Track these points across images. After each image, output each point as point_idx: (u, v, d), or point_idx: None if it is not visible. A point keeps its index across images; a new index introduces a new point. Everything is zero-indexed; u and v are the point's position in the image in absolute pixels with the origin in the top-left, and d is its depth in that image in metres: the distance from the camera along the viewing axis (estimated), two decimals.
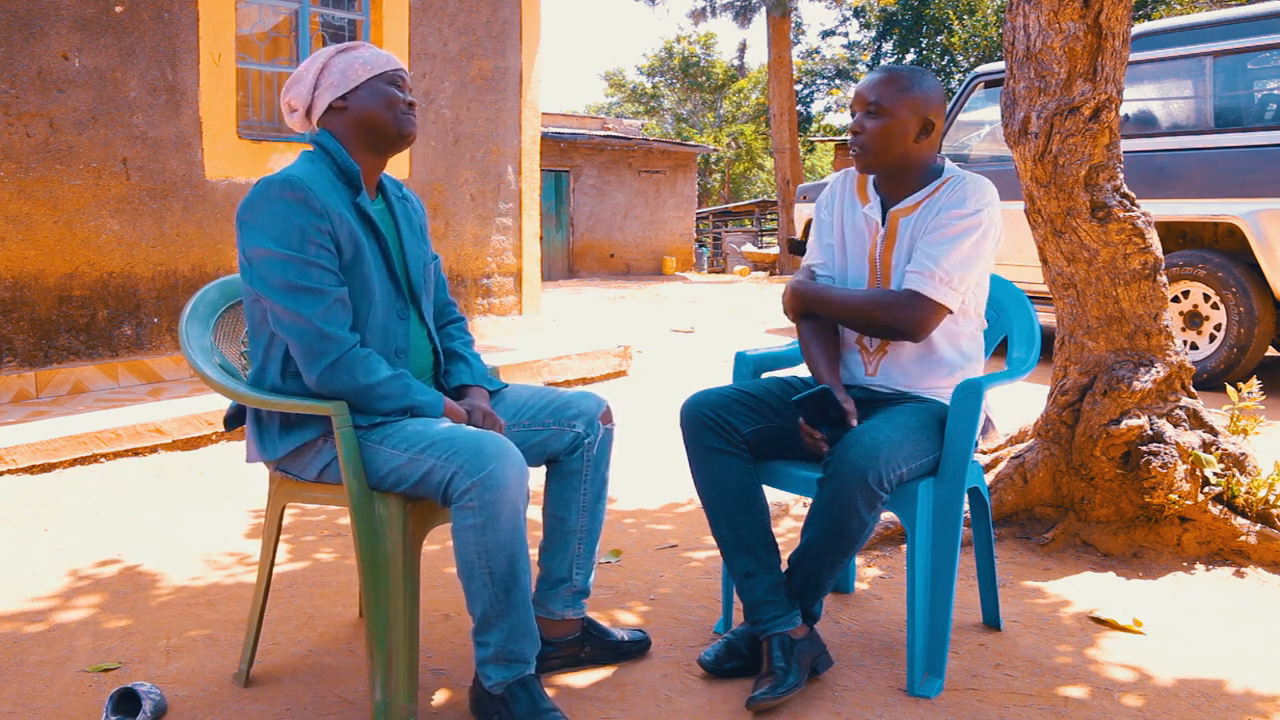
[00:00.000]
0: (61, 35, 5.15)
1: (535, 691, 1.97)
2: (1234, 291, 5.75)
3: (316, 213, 1.97)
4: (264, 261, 1.96)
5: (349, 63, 2.10)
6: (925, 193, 2.35)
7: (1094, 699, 2.19)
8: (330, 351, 1.96)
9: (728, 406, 2.31)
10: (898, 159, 2.33)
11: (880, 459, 2.07)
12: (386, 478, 1.98)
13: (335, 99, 2.09)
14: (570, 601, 2.30)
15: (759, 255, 21.42)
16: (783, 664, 2.14)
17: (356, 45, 2.14)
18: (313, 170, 2.05)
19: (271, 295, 1.97)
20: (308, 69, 2.12)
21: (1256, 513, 3.04)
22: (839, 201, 2.51)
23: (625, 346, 6.87)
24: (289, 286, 1.95)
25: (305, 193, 1.97)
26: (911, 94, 2.29)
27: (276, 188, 1.97)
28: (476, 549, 1.89)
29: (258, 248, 1.97)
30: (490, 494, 1.86)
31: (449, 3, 7.11)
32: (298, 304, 1.95)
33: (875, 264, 2.39)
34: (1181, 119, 6.13)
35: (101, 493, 3.82)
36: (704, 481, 2.31)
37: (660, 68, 41.30)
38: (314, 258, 1.96)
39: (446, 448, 1.91)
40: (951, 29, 27.45)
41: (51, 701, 2.14)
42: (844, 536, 2.13)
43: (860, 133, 2.32)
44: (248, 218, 1.99)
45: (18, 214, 5.05)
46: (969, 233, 2.26)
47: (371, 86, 2.09)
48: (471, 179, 7.36)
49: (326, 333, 1.96)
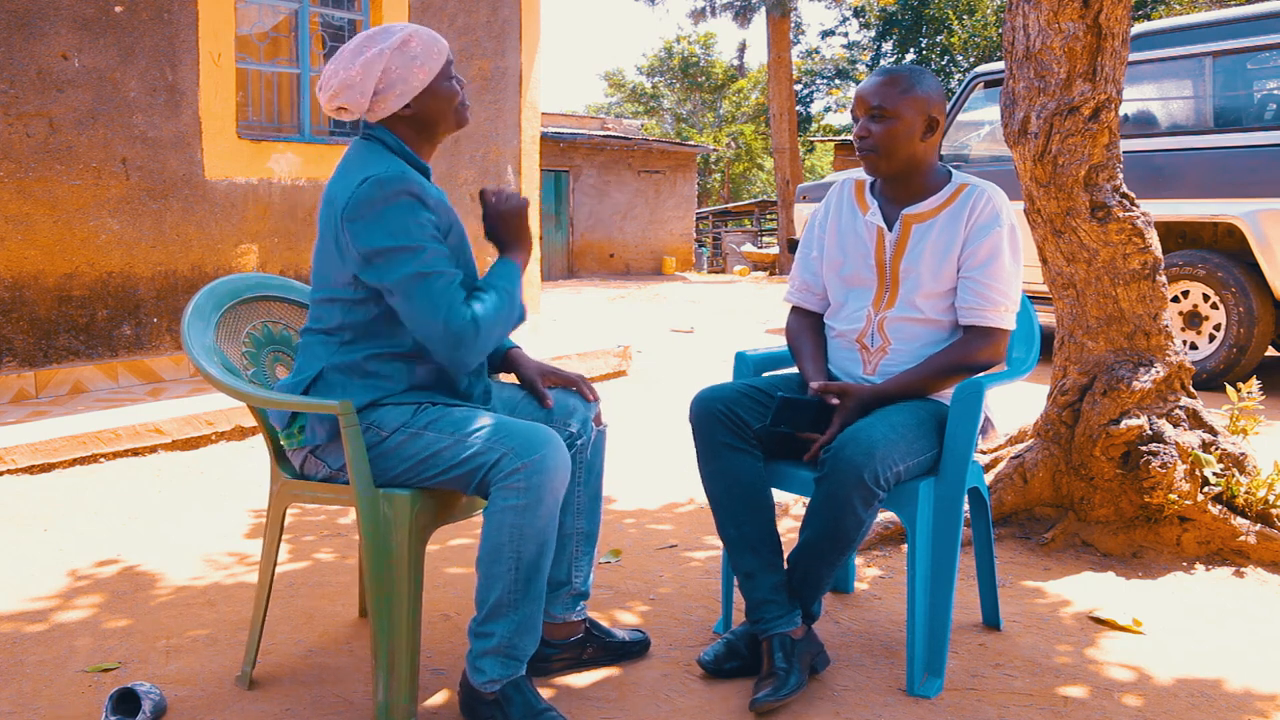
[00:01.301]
0: (61, 35, 5.15)
1: (529, 693, 1.97)
2: (1234, 291, 5.75)
3: (427, 206, 2.00)
4: (392, 258, 1.96)
5: (407, 67, 2.03)
6: (940, 199, 2.36)
7: (1094, 699, 2.19)
8: (465, 341, 1.97)
9: (740, 402, 2.31)
10: (907, 160, 2.35)
11: (876, 456, 2.07)
12: (423, 463, 1.98)
13: (400, 108, 2.06)
14: (570, 604, 2.30)
15: (759, 255, 21.42)
16: (784, 665, 2.14)
17: (408, 39, 2.05)
18: (398, 164, 2.04)
19: (403, 287, 1.96)
20: (364, 73, 2.02)
21: (1256, 513, 3.04)
22: (835, 213, 2.52)
23: (625, 346, 6.87)
24: (421, 277, 1.95)
25: (418, 187, 1.99)
26: (914, 93, 2.31)
27: (391, 186, 1.96)
28: (511, 531, 1.91)
29: (382, 247, 1.96)
30: (538, 478, 1.89)
31: (449, 3, 7.11)
32: (428, 297, 1.95)
33: (884, 269, 2.39)
34: (1181, 119, 6.13)
35: (101, 493, 3.82)
36: (712, 477, 2.30)
37: (660, 68, 41.29)
38: (437, 246, 1.99)
39: (498, 432, 1.95)
40: (951, 29, 27.45)
41: (51, 701, 2.14)
42: (841, 535, 2.13)
43: (867, 136, 2.33)
44: (363, 216, 1.96)
45: (17, 214, 5.05)
46: (1005, 249, 2.31)
47: (433, 89, 2.07)
48: (471, 179, 7.36)
49: (460, 317, 1.96)
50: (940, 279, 2.34)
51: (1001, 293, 2.31)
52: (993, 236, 2.30)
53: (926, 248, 2.34)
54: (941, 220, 2.35)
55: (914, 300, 2.36)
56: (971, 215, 2.32)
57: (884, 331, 2.38)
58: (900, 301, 2.37)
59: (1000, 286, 2.31)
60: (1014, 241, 2.34)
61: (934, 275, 2.34)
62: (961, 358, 2.32)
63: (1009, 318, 2.34)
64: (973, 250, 2.31)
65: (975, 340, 2.33)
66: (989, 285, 2.31)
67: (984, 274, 2.31)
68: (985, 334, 2.33)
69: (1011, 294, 2.33)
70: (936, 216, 2.35)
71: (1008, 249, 2.32)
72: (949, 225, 2.34)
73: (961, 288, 2.34)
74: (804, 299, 2.58)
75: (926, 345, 2.36)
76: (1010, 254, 2.32)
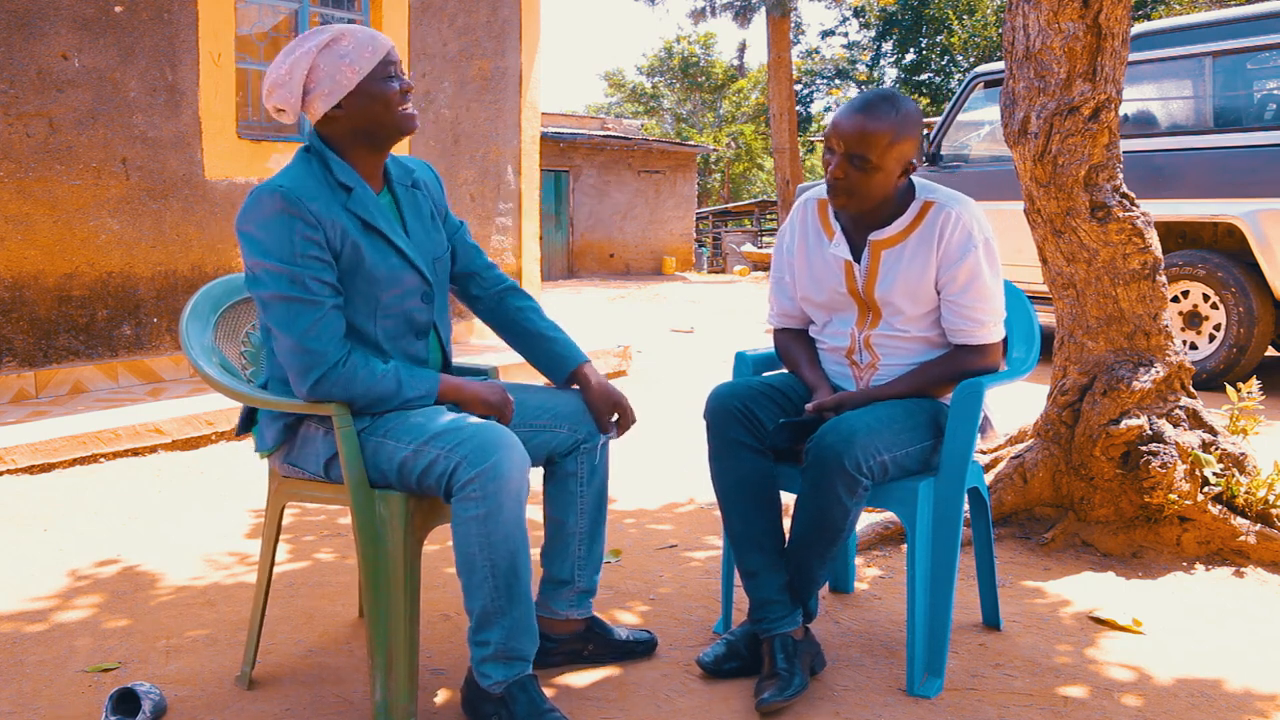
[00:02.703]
0: (61, 35, 5.15)
1: (534, 692, 1.96)
2: (1234, 291, 5.75)
3: (308, 222, 1.94)
4: (262, 273, 1.96)
5: (335, 66, 1.97)
6: (906, 220, 2.30)
7: (1093, 699, 2.19)
8: (317, 367, 1.94)
9: (756, 400, 2.29)
10: (880, 202, 2.29)
11: (857, 443, 2.06)
12: (391, 472, 1.98)
13: (330, 109, 2.01)
14: (575, 602, 2.29)
15: (758, 255, 21.41)
16: (786, 665, 2.14)
17: (339, 38, 1.99)
18: (305, 173, 2.00)
19: (264, 307, 1.97)
20: (291, 72, 1.98)
21: (1256, 513, 3.04)
22: (801, 236, 2.46)
23: (625, 346, 6.87)
24: (280, 299, 1.94)
25: (295, 203, 1.93)
26: (900, 143, 2.19)
27: (267, 198, 1.94)
28: (478, 541, 1.88)
29: (254, 259, 1.96)
30: (493, 484, 1.86)
31: (449, 3, 7.11)
32: (287, 317, 1.94)
33: (859, 296, 2.36)
34: (1181, 119, 6.13)
35: (101, 493, 3.82)
36: (723, 474, 2.28)
37: (660, 68, 41.31)
38: (305, 269, 1.93)
39: (450, 439, 1.91)
40: (951, 29, 27.46)
41: (51, 701, 2.14)
42: (828, 524, 2.13)
43: (843, 178, 2.21)
44: (244, 228, 1.97)
45: (17, 214, 5.05)
46: (984, 268, 2.27)
47: (363, 89, 1.99)
48: (471, 179, 7.36)
49: (312, 348, 1.93)
50: (919, 303, 2.31)
51: (987, 311, 2.29)
52: (969, 260, 2.26)
53: (899, 276, 2.29)
54: (911, 244, 2.29)
55: (897, 323, 2.34)
56: (942, 239, 2.26)
57: (871, 348, 2.37)
58: (884, 323, 2.35)
59: (984, 305, 2.29)
60: (991, 257, 2.29)
61: (912, 302, 2.31)
62: (957, 369, 2.31)
63: (997, 330, 2.33)
64: (951, 276, 2.27)
65: (967, 355, 2.32)
66: (973, 307, 2.28)
67: (966, 297, 2.28)
68: (977, 349, 2.32)
69: (997, 308, 2.31)
70: (905, 240, 2.30)
71: (986, 268, 2.27)
72: (919, 249, 2.28)
73: (946, 311, 2.31)
74: (786, 323, 2.55)
75: (917, 358, 2.35)
76: (990, 271, 2.28)
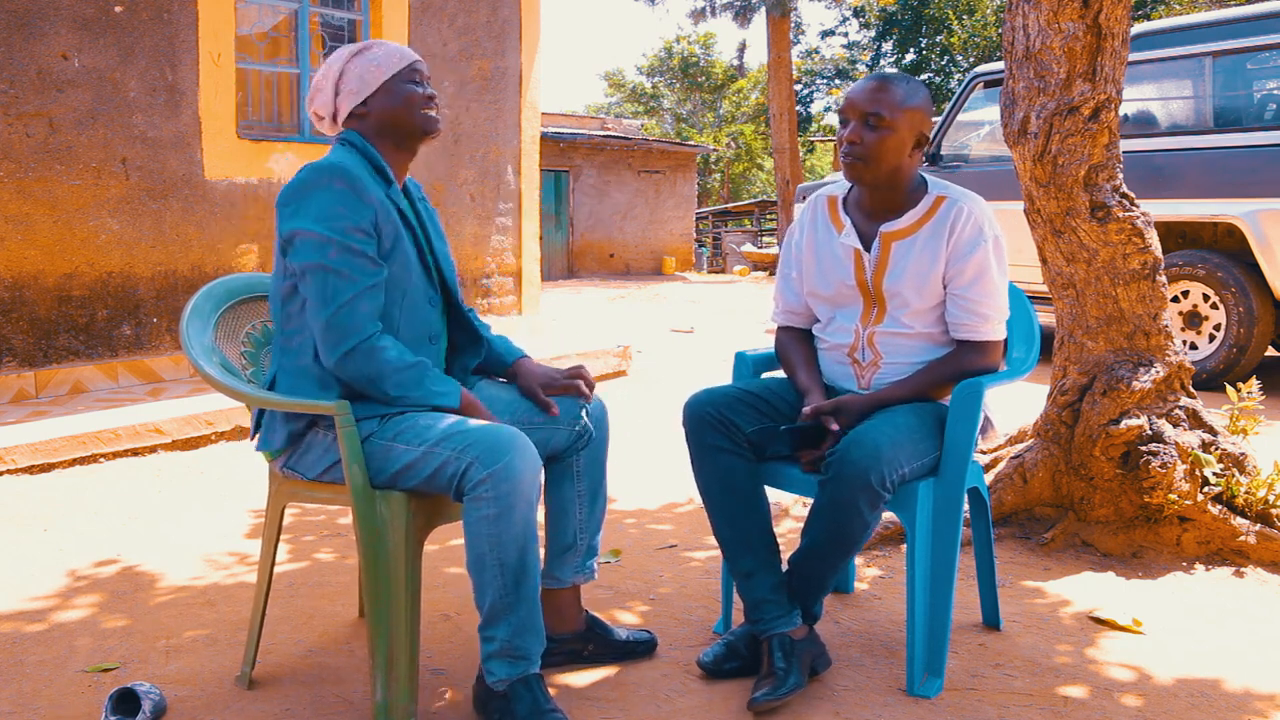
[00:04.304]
0: (61, 35, 5.15)
1: (538, 691, 1.97)
2: (1234, 291, 5.75)
3: (363, 201, 2.01)
4: (304, 242, 1.99)
5: (364, 67, 2.12)
6: (918, 213, 2.32)
7: (1093, 699, 2.19)
8: (350, 338, 1.98)
9: (731, 405, 2.31)
10: (892, 172, 2.29)
11: (883, 459, 2.06)
12: (400, 474, 1.99)
13: (356, 106, 2.12)
14: (579, 566, 2.32)
15: (758, 255, 21.41)
16: (783, 665, 2.14)
17: (370, 46, 2.15)
18: (352, 159, 2.08)
19: (306, 274, 1.99)
20: (325, 77, 2.14)
21: (1256, 513, 3.04)
22: (810, 231, 2.48)
23: (625, 346, 6.87)
24: (323, 268, 1.98)
25: (353, 180, 2.01)
26: (912, 106, 2.25)
27: (325, 174, 2.01)
28: (489, 540, 1.91)
29: (300, 229, 1.99)
30: (505, 485, 1.88)
31: (449, 3, 7.11)
32: (329, 287, 1.98)
33: (867, 288, 2.37)
34: (1181, 119, 6.13)
35: (101, 493, 3.82)
36: (705, 479, 2.30)
37: (660, 68, 41.30)
38: (355, 242, 1.99)
39: (461, 440, 1.93)
40: (951, 29, 27.45)
41: (51, 701, 2.14)
42: (846, 537, 2.13)
43: (859, 143, 2.26)
44: (292, 202, 2.01)
45: (17, 214, 5.05)
46: (992, 264, 2.29)
47: (389, 88, 2.13)
48: (471, 179, 7.36)
49: (348, 321, 1.98)
50: (926, 296, 2.31)
51: (992, 307, 2.31)
52: (978, 254, 2.27)
53: (909, 267, 2.30)
54: (922, 237, 2.31)
55: (902, 318, 2.34)
56: (953, 233, 2.28)
57: (874, 346, 2.37)
58: (889, 318, 2.35)
59: (990, 301, 2.30)
60: (999, 254, 2.31)
61: (919, 294, 2.31)
62: (957, 369, 2.31)
63: (1000, 328, 2.34)
64: (959, 269, 2.28)
65: (969, 352, 2.33)
66: (979, 302, 2.29)
67: (973, 291, 2.29)
68: (979, 346, 2.32)
69: (1002, 306, 2.33)
70: (916, 233, 2.31)
71: (994, 264, 2.29)
72: (930, 242, 2.30)
73: (951, 304, 2.32)
74: (790, 320, 2.56)
75: (919, 357, 2.35)
76: (997, 268, 2.30)
